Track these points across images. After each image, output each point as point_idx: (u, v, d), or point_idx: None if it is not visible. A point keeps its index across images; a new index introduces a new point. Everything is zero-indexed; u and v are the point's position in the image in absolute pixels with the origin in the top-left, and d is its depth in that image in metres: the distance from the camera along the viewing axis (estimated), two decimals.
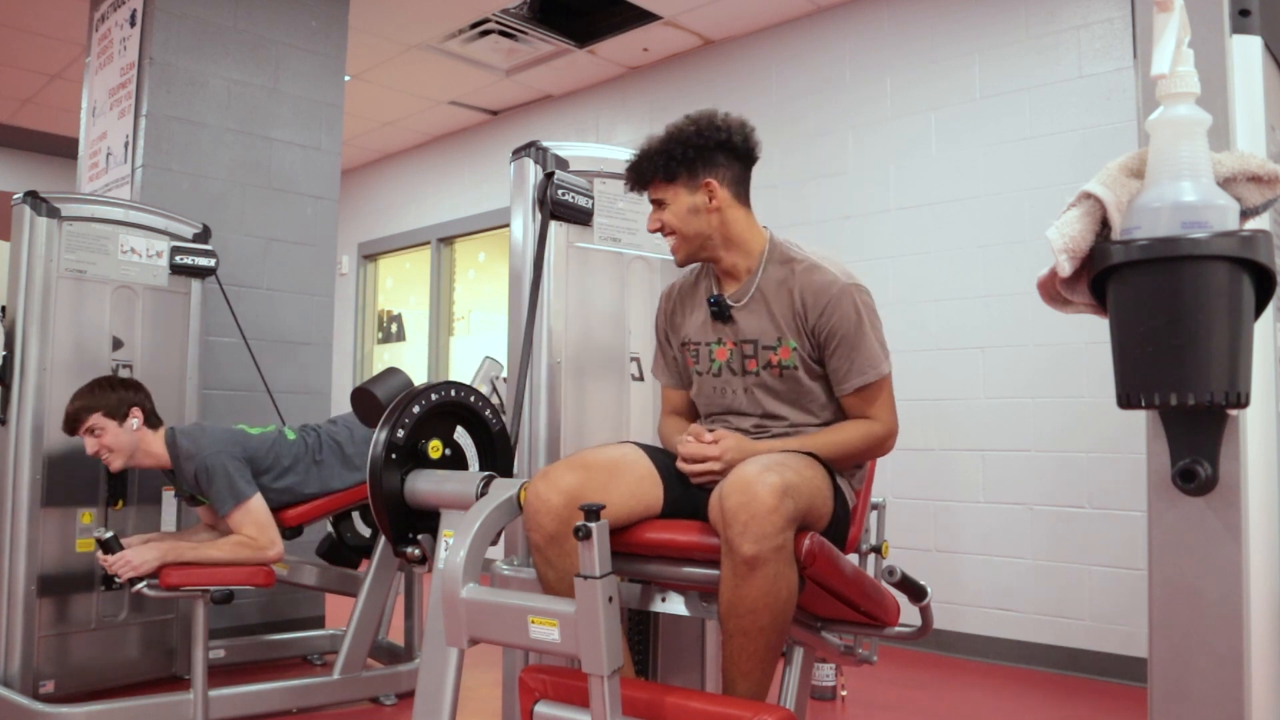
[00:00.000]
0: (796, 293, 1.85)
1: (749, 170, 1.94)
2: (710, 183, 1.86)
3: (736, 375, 1.93)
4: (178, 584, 2.56)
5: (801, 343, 1.85)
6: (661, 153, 1.86)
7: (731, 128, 1.88)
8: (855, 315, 1.81)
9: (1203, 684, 1.02)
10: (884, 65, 4.24)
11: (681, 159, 1.85)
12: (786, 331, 1.86)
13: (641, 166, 1.89)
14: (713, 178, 1.87)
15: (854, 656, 1.99)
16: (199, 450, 2.72)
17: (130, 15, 3.73)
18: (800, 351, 1.85)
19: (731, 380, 1.94)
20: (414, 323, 6.98)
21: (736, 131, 1.88)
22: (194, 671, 2.64)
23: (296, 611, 3.83)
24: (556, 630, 1.53)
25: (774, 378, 1.88)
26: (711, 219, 1.88)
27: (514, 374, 2.19)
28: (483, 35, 4.88)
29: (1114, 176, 1.07)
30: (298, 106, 3.96)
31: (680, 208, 1.88)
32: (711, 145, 1.86)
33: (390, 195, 6.99)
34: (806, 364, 1.86)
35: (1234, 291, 0.96)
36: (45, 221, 2.99)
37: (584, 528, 1.48)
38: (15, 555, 2.90)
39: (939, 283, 3.95)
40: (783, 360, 1.87)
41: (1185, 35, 1.03)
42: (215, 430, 2.84)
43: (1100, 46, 3.64)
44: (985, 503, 3.82)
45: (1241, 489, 1.02)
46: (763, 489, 1.53)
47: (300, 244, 3.94)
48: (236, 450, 2.76)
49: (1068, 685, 3.44)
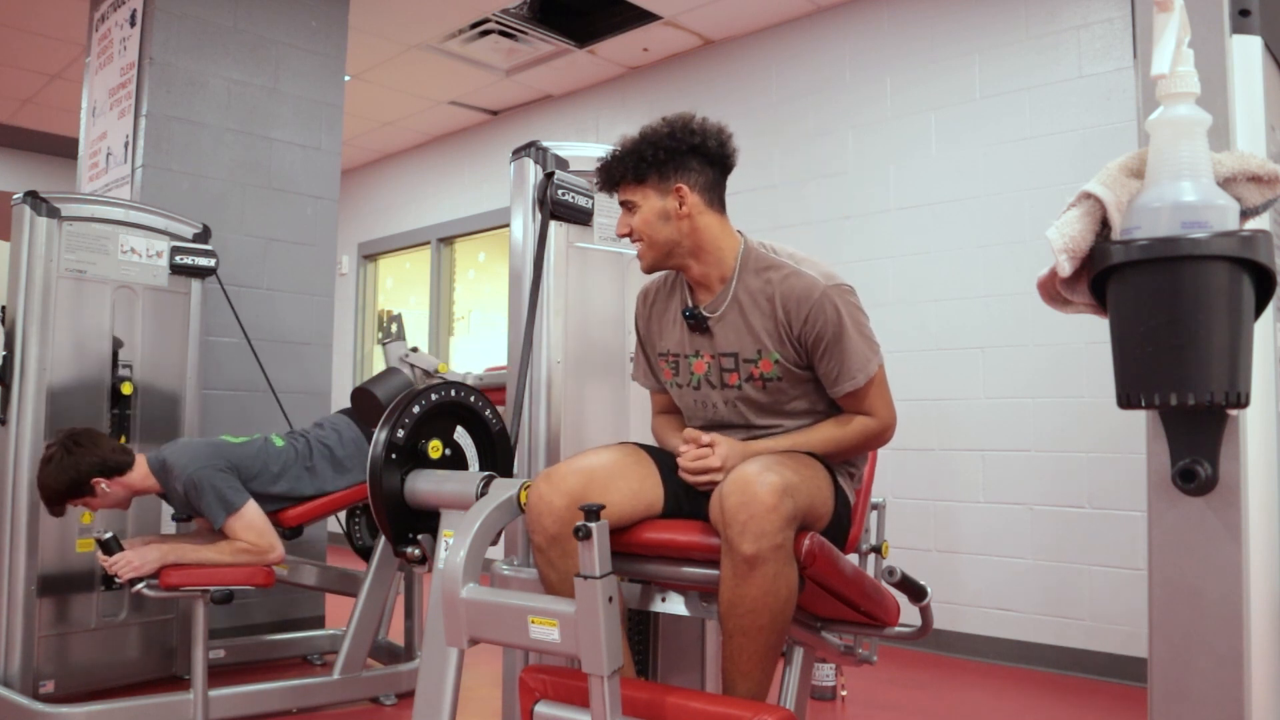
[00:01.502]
0: (778, 302, 1.78)
1: (724, 177, 1.87)
2: (681, 188, 1.80)
3: (716, 389, 1.87)
4: (178, 584, 2.55)
5: (785, 352, 1.79)
6: (633, 153, 1.79)
7: (707, 132, 1.81)
8: (838, 319, 1.75)
9: (1203, 684, 1.02)
10: (884, 65, 4.24)
11: (652, 161, 1.78)
12: (768, 343, 1.80)
13: (611, 167, 1.82)
14: (684, 183, 1.80)
15: (854, 656, 1.99)
16: (183, 469, 2.68)
17: (130, 15, 3.73)
18: (784, 362, 1.80)
19: (711, 394, 1.88)
20: (414, 323, 6.98)
21: (712, 136, 1.82)
22: (194, 671, 2.64)
23: (296, 611, 3.83)
24: (556, 630, 1.53)
25: (757, 390, 1.83)
26: (681, 225, 1.81)
27: (514, 374, 2.19)
28: (483, 35, 4.88)
29: (1114, 176, 1.07)
30: (298, 106, 3.96)
31: (649, 212, 1.81)
32: (684, 149, 1.79)
33: (390, 195, 6.99)
34: (791, 372, 1.80)
35: (1234, 291, 0.96)
36: (45, 221, 2.99)
37: (584, 528, 1.48)
38: (15, 555, 2.90)
39: (939, 283, 3.95)
40: (765, 373, 1.81)
41: (1185, 35, 1.03)
42: (196, 445, 2.79)
43: (1100, 46, 3.64)
44: (985, 503, 3.82)
45: (1241, 489, 1.02)
46: (762, 488, 1.52)
47: (300, 244, 3.94)
48: (220, 461, 2.72)
49: (1068, 685, 3.44)
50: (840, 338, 1.75)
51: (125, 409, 3.15)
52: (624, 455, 1.81)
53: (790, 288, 1.78)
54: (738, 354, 1.83)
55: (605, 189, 1.89)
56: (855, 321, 1.78)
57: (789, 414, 1.86)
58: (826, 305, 1.75)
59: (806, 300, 1.75)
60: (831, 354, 1.76)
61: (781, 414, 1.86)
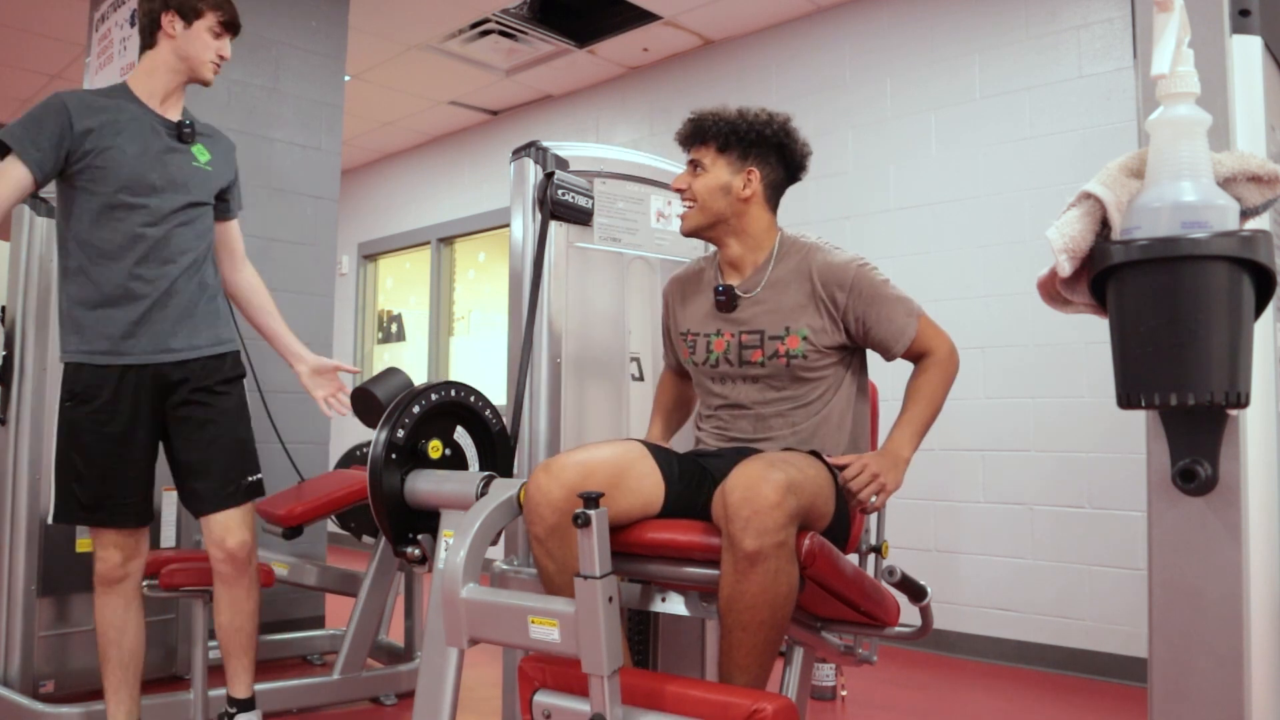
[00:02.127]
0: (815, 277, 1.90)
1: (788, 184, 2.00)
2: (753, 172, 1.91)
3: (735, 366, 1.95)
4: (178, 584, 2.55)
5: (818, 324, 1.88)
6: (728, 122, 1.90)
7: (795, 139, 1.95)
8: (873, 286, 1.89)
9: (1203, 684, 1.02)
10: (884, 65, 4.24)
11: (743, 137, 1.90)
12: (799, 319, 1.89)
13: (705, 124, 1.92)
14: (758, 169, 1.92)
15: (854, 656, 1.99)
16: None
17: (130, 15, 3.73)
18: (812, 339, 1.88)
19: (729, 371, 1.96)
20: (414, 323, 6.98)
21: (799, 145, 1.96)
22: (194, 671, 2.64)
23: (296, 611, 3.83)
24: (556, 630, 1.52)
25: (779, 367, 1.90)
26: (736, 205, 1.92)
27: (514, 374, 2.19)
28: (483, 35, 4.88)
29: (1114, 176, 1.07)
30: (298, 106, 3.96)
31: (714, 179, 1.91)
32: (773, 142, 1.92)
33: (390, 195, 6.99)
34: (816, 350, 1.89)
35: (1234, 291, 0.96)
36: (45, 221, 2.99)
37: (583, 515, 1.47)
38: (15, 555, 2.90)
39: (939, 283, 3.95)
40: (790, 350, 1.89)
41: (1185, 35, 1.03)
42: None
43: (1100, 46, 3.64)
44: (985, 503, 3.82)
45: (1241, 489, 1.02)
46: (766, 485, 1.53)
47: (300, 244, 3.94)
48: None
49: (1068, 685, 3.44)
50: (881, 300, 1.89)
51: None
52: (626, 451, 1.81)
53: (826, 264, 1.91)
54: (764, 331, 1.92)
55: (686, 141, 1.97)
56: (886, 284, 1.92)
57: (800, 399, 1.91)
58: (862, 278, 1.89)
59: (844, 274, 1.89)
60: (879, 319, 1.89)
61: (792, 397, 1.91)
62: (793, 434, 1.92)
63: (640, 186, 2.39)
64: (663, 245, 2.43)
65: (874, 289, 1.89)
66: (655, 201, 2.41)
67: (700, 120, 1.93)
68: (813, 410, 1.93)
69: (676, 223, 2.36)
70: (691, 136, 1.94)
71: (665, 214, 2.43)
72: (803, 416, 1.92)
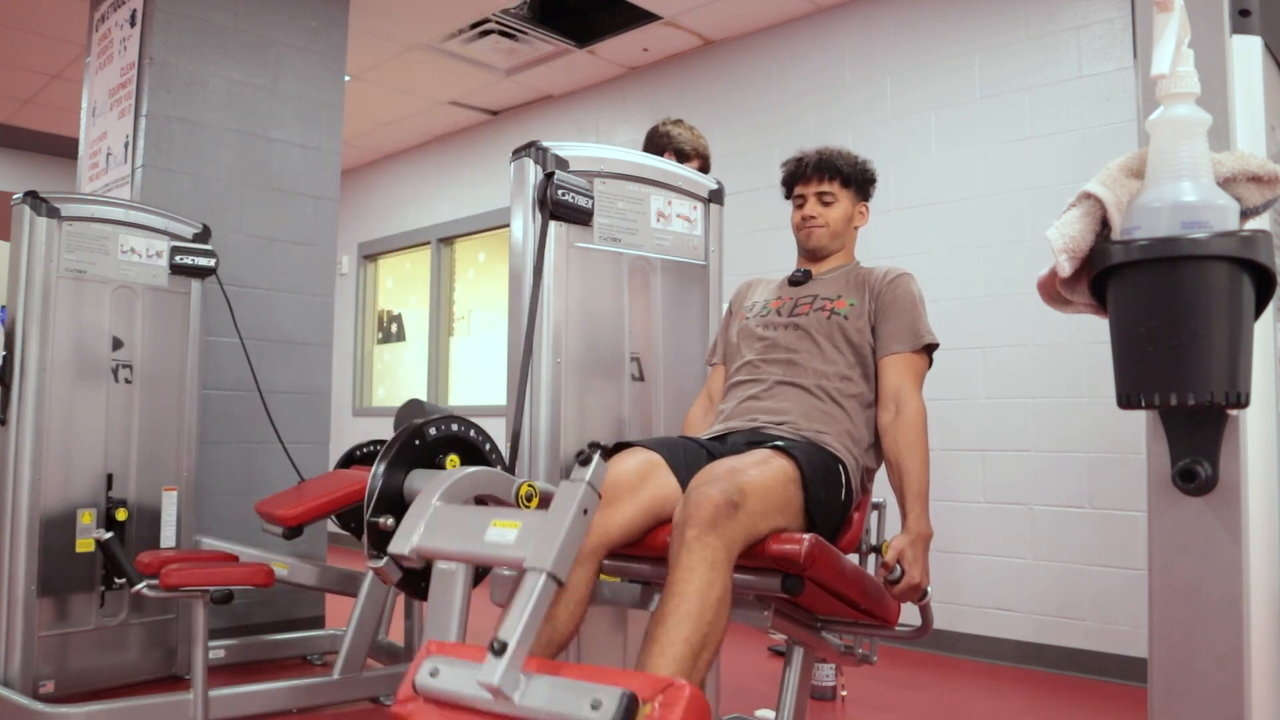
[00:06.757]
0: (869, 275, 2.16)
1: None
2: (865, 208, 2.26)
3: (782, 316, 2.15)
4: (178, 584, 2.55)
5: (861, 300, 2.10)
6: (857, 165, 2.21)
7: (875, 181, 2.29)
8: (911, 294, 2.10)
9: (1203, 684, 1.02)
10: (884, 65, 4.23)
11: (865, 179, 2.23)
12: (850, 294, 2.12)
13: (836, 163, 2.19)
14: (866, 206, 2.26)
15: (854, 656, 1.99)
16: None
17: (130, 15, 3.73)
18: (853, 313, 2.08)
19: (777, 320, 2.14)
20: (414, 323, 6.98)
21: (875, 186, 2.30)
22: (194, 671, 2.64)
23: (296, 611, 3.83)
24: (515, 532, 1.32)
25: (823, 320, 2.08)
26: (851, 233, 2.25)
27: (514, 374, 2.19)
28: (483, 35, 4.88)
29: (1114, 176, 1.07)
30: (298, 106, 3.96)
31: (843, 212, 2.21)
32: (873, 183, 2.26)
33: (390, 195, 6.99)
34: (853, 321, 2.07)
35: (1234, 291, 0.96)
36: (45, 221, 2.99)
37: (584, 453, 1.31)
38: (15, 555, 2.90)
39: (939, 283, 3.94)
40: (835, 308, 2.10)
41: (1185, 35, 1.03)
42: None
43: (1100, 46, 3.64)
44: (985, 503, 3.82)
45: (1241, 489, 1.02)
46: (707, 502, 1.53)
47: (300, 244, 3.94)
48: None
49: (1068, 685, 3.44)
50: (905, 302, 2.08)
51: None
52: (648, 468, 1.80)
53: (880, 267, 2.18)
54: (819, 294, 2.16)
55: (813, 173, 2.20)
56: (919, 299, 2.11)
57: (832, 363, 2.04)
58: (901, 279, 2.12)
59: (889, 272, 2.14)
60: (893, 314, 2.06)
61: (829, 357, 2.05)
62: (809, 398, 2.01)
63: (640, 186, 2.38)
64: (663, 245, 2.43)
65: (907, 291, 2.09)
66: (655, 201, 2.41)
67: (832, 159, 2.19)
68: (832, 384, 2.01)
69: (677, 223, 2.39)
70: (824, 170, 2.19)
71: (665, 214, 2.43)
72: (824, 385, 2.01)
